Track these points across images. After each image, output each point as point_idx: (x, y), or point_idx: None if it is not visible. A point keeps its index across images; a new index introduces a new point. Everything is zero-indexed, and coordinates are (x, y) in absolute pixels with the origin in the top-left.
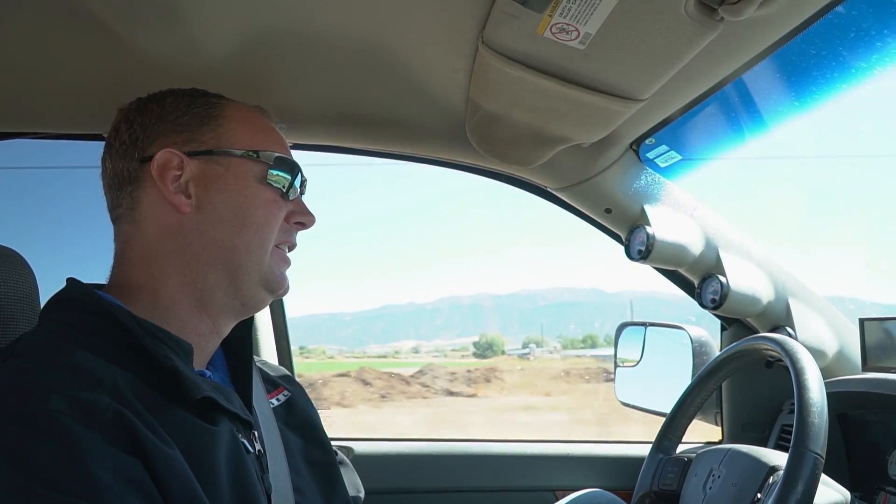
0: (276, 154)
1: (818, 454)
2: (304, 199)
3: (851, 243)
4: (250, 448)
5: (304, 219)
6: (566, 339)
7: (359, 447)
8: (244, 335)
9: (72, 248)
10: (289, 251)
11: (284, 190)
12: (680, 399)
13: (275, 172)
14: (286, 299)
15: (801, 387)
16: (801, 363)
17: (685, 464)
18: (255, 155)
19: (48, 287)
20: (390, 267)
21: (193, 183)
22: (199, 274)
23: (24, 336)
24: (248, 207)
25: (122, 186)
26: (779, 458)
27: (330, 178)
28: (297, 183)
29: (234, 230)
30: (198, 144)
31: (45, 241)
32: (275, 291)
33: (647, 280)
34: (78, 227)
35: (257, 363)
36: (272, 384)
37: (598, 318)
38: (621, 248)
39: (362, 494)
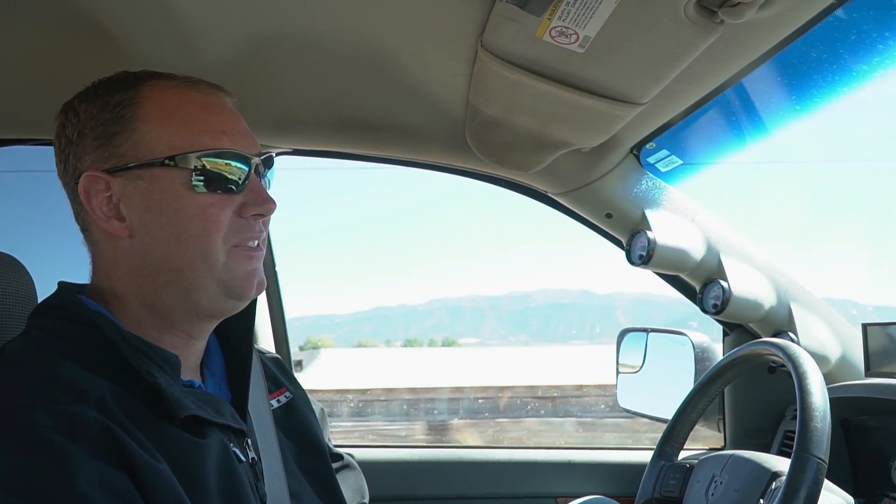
0: (201, 152)
1: (821, 459)
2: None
3: (855, 246)
4: (242, 457)
5: (259, 210)
6: (392, 341)
7: (359, 454)
8: (243, 336)
9: (72, 253)
10: (257, 244)
11: (232, 183)
12: (681, 405)
13: (221, 162)
14: (285, 301)
15: (804, 391)
16: (803, 367)
17: (687, 470)
18: (172, 162)
19: (49, 293)
20: (383, 269)
21: (123, 204)
22: (155, 296)
23: (9, 345)
24: (181, 221)
25: (72, 204)
26: (781, 464)
27: (324, 179)
28: (242, 171)
29: (171, 249)
30: (117, 160)
31: (45, 247)
32: (241, 297)
33: (638, 283)
34: (77, 232)
35: (259, 353)
36: (275, 383)
37: (587, 319)
38: (613, 251)
39: (367, 500)
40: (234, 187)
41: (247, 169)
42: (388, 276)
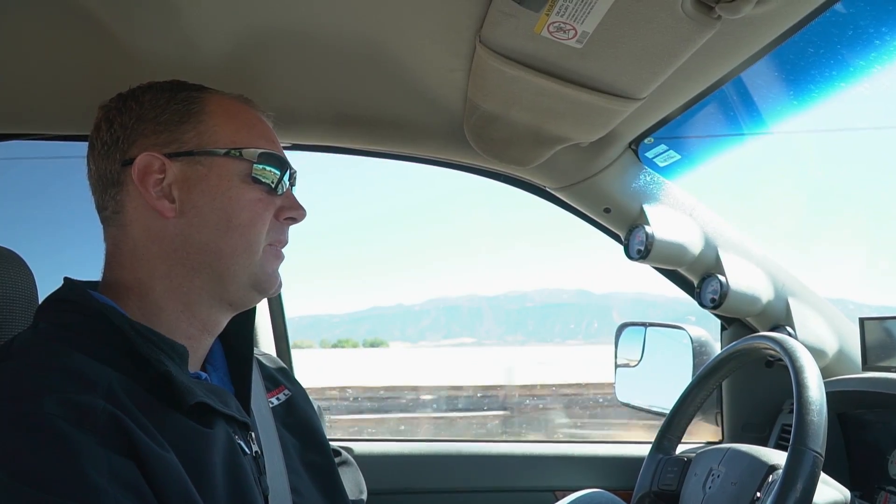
0: (260, 150)
1: (817, 452)
2: (297, 194)
3: (852, 244)
4: (247, 449)
5: (294, 214)
6: (326, 341)
7: (358, 447)
8: (245, 333)
9: (72, 248)
10: (281, 248)
11: (272, 186)
12: (679, 399)
13: (260, 167)
14: (286, 300)
15: (801, 385)
16: (800, 362)
17: (685, 464)
18: (237, 153)
19: (49, 288)
20: (379, 269)
21: (176, 186)
22: (186, 278)
23: (19, 337)
24: (233, 209)
25: (106, 189)
26: (778, 457)
27: (319, 180)
28: (285, 177)
29: (219, 233)
30: (179, 145)
31: (45, 241)
32: (265, 291)
33: (635, 282)
34: (78, 227)
35: (257, 356)
36: (273, 382)
37: (583, 319)
38: (610, 250)
39: (365, 496)
40: (278, 190)
41: (288, 176)
42: (385, 276)
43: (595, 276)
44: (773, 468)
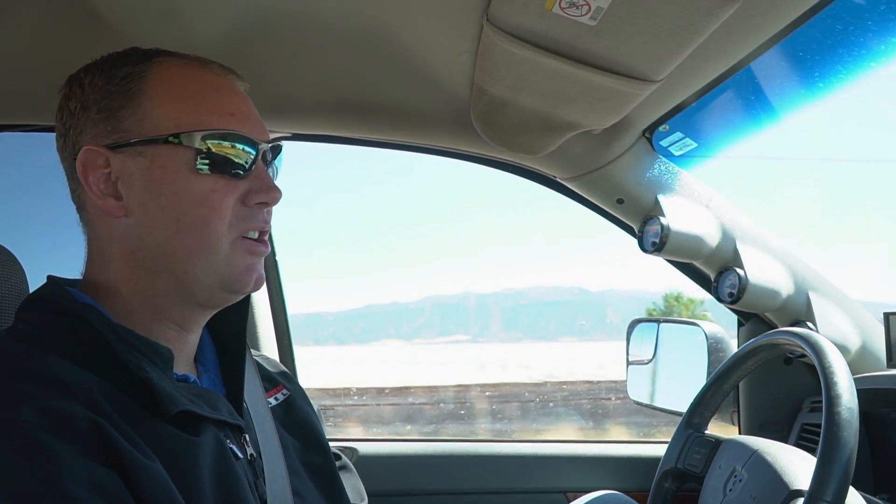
0: (206, 131)
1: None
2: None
3: (878, 243)
4: (240, 454)
5: (264, 197)
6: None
7: (363, 448)
8: (237, 330)
9: (66, 245)
10: (261, 235)
11: (231, 170)
12: (715, 374)
13: (211, 151)
14: (288, 296)
15: (831, 396)
16: (831, 366)
17: (713, 446)
18: (176, 140)
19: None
20: (374, 267)
21: (121, 182)
22: (148, 283)
23: None
24: (181, 205)
25: (69, 182)
26: (802, 480)
27: (316, 178)
28: (249, 156)
29: (169, 234)
30: (119, 135)
31: (38, 238)
32: (238, 291)
33: (631, 279)
34: (73, 222)
35: (256, 357)
36: (271, 382)
37: (579, 316)
38: (607, 247)
39: (365, 501)
40: (240, 172)
41: (254, 154)
42: (381, 274)
43: (592, 273)
44: (795, 494)
